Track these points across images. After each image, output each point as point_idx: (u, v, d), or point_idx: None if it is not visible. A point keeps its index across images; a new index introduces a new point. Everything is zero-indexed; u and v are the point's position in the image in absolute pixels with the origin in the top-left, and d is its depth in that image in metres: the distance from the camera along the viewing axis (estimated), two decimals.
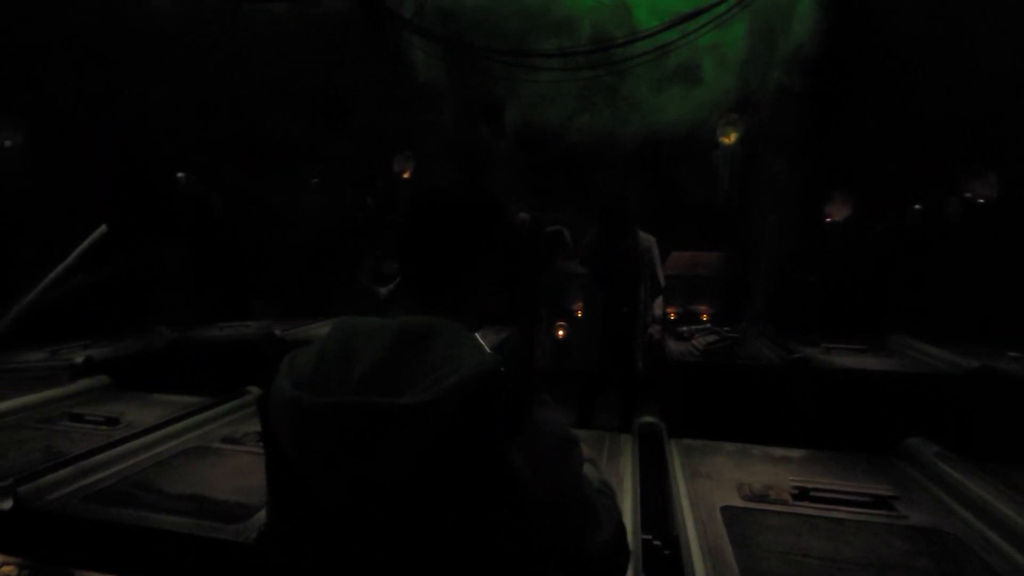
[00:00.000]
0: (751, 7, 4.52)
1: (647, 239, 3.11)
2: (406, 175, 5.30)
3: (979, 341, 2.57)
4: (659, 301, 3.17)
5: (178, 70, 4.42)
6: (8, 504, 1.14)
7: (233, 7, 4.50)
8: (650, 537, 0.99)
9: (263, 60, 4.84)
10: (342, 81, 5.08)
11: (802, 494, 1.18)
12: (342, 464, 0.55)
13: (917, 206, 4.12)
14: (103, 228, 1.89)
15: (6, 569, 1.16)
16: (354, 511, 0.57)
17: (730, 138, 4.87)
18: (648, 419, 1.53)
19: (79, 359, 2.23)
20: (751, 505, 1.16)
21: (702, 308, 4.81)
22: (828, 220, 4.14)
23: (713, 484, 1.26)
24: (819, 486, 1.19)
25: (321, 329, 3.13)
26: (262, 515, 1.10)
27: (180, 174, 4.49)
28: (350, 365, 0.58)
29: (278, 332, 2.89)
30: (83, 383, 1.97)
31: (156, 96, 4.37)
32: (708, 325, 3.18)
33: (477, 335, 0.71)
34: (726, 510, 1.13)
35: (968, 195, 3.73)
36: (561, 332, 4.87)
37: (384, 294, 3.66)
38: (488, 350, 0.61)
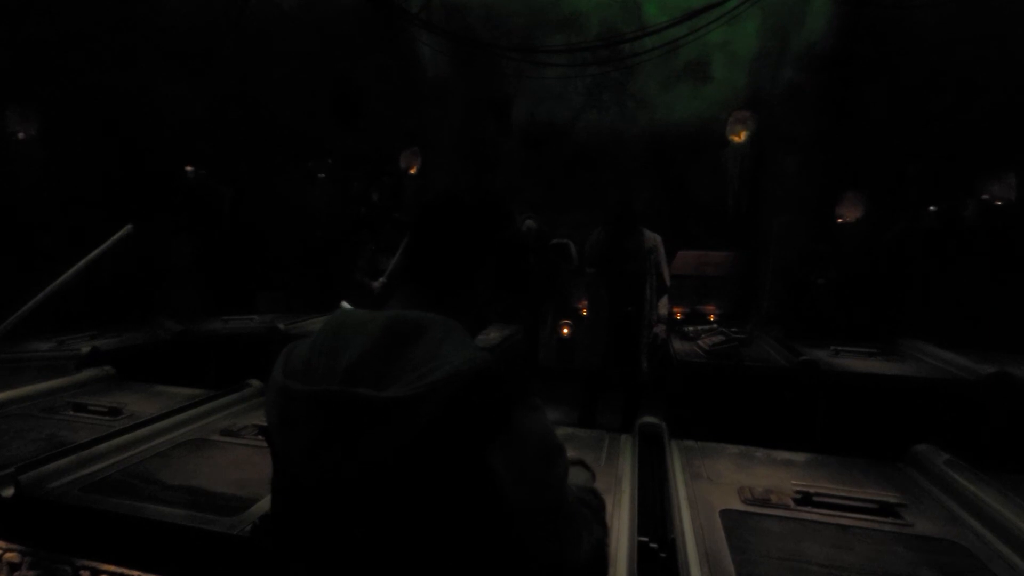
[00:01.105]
0: (762, 3, 4.45)
1: (653, 238, 3.08)
2: (413, 171, 5.31)
3: (996, 346, 2.51)
4: (664, 300, 3.14)
5: (188, 64, 4.46)
6: (10, 492, 1.15)
7: (242, 2, 4.52)
8: (646, 539, 0.97)
9: (272, 54, 4.87)
10: (350, 76, 5.09)
11: (805, 499, 1.15)
12: (323, 453, 0.55)
13: (932, 208, 4.03)
14: (129, 227, 1.87)
15: (9, 556, 1.18)
16: (337, 503, 0.56)
17: (740, 136, 4.80)
18: (649, 419, 1.51)
19: (85, 349, 2.25)
20: (752, 509, 1.13)
21: (709, 308, 4.76)
22: (840, 221, 4.08)
23: (713, 487, 1.24)
24: (823, 491, 1.16)
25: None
26: (257, 508, 1.10)
27: (189, 168, 4.53)
28: (338, 356, 0.58)
29: (282, 326, 2.91)
30: (88, 373, 1.99)
31: (166, 90, 4.40)
32: (715, 325, 3.14)
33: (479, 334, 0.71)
34: (725, 513, 1.11)
35: (986, 197, 3.65)
36: (566, 331, 4.85)
37: (377, 288, 3.65)
38: (479, 348, 0.59)
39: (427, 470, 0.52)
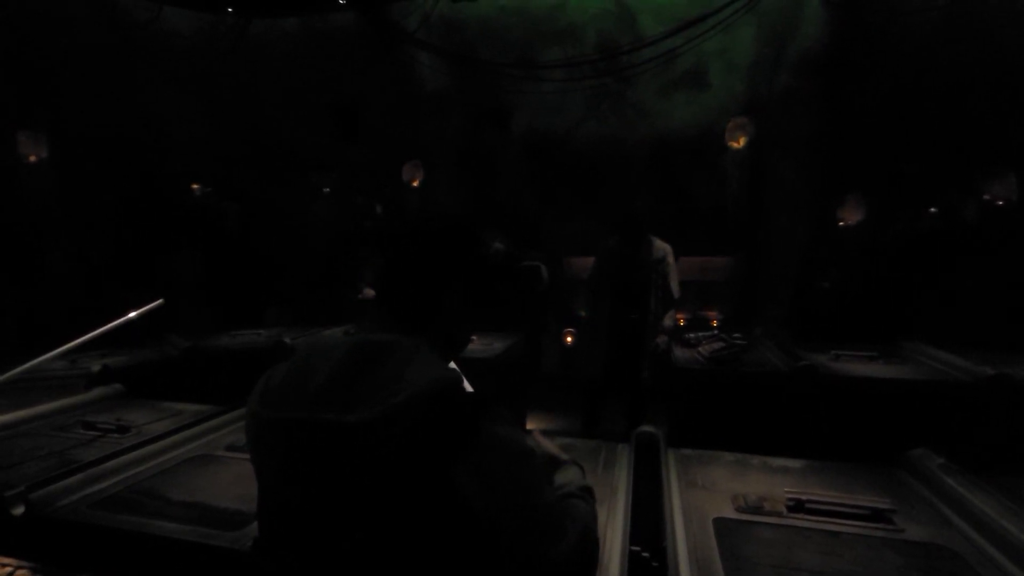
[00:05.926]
0: (757, 11, 4.50)
1: (662, 247, 3.02)
2: (415, 184, 5.38)
3: (998, 347, 2.49)
4: (671, 313, 3.10)
5: (191, 85, 4.58)
6: (20, 510, 1.19)
7: (242, 25, 4.64)
8: (638, 548, 0.98)
9: (275, 72, 4.98)
10: (352, 91, 5.19)
11: (797, 506, 1.16)
12: (295, 478, 0.57)
13: (932, 209, 4.02)
14: (160, 302, 1.97)
15: (20, 573, 1.21)
16: (315, 523, 0.58)
17: (739, 142, 4.83)
18: (646, 428, 1.53)
19: (96, 368, 2.31)
20: (744, 517, 1.14)
21: (711, 314, 4.75)
22: (841, 224, 4.08)
23: (707, 495, 1.25)
24: (815, 498, 1.17)
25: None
26: None
27: (195, 186, 4.63)
28: (306, 381, 0.59)
29: (288, 341, 2.95)
30: (98, 392, 2.04)
31: (170, 110, 4.52)
32: (716, 332, 3.14)
33: (469, 346, 0.74)
34: (718, 522, 1.12)
35: (986, 197, 3.64)
36: (569, 339, 4.86)
37: (364, 298, 3.64)
38: (445, 367, 0.61)
39: (396, 489, 0.54)
